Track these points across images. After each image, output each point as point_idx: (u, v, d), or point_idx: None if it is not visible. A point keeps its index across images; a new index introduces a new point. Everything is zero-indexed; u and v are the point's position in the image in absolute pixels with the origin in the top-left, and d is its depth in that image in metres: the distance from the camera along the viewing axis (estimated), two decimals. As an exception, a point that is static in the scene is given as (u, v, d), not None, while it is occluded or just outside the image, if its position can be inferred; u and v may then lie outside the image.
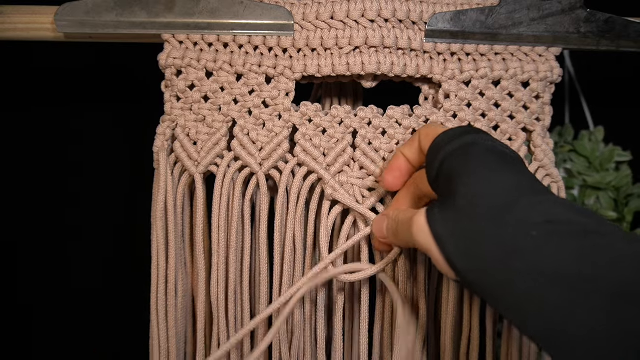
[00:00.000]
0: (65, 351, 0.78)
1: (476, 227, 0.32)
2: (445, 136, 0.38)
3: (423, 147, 0.41)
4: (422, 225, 0.35)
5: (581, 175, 0.70)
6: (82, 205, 0.77)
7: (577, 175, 0.70)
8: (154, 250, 0.48)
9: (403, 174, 0.43)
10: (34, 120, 0.74)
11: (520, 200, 0.31)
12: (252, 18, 0.46)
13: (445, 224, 0.33)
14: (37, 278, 0.77)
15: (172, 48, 0.47)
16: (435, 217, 0.34)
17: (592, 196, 0.69)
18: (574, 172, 0.70)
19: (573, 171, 0.70)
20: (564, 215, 0.30)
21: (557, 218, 0.30)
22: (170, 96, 0.48)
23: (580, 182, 0.70)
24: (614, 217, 0.68)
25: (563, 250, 0.29)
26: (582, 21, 0.47)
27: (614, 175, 0.69)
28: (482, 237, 0.31)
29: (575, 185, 0.70)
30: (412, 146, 0.42)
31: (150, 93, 0.54)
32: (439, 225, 0.34)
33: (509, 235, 0.30)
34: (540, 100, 0.49)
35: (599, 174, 0.69)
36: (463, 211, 0.33)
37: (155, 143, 0.48)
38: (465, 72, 0.47)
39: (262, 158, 0.47)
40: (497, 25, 0.47)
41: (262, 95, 0.47)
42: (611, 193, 0.69)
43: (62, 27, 0.47)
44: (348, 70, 0.47)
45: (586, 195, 0.70)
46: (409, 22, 0.47)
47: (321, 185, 0.48)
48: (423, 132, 0.41)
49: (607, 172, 0.69)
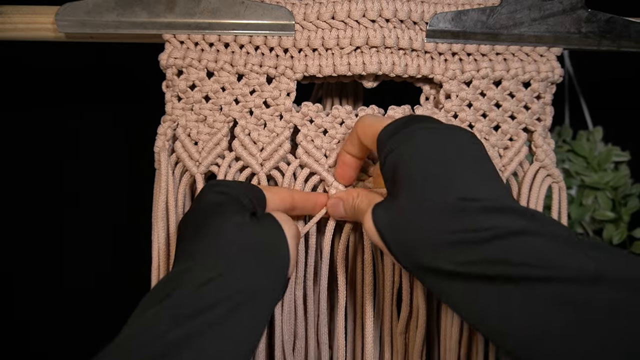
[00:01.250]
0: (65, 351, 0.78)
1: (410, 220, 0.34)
2: (385, 132, 0.39)
3: (364, 142, 0.42)
4: (370, 226, 0.37)
5: (579, 175, 0.70)
6: (83, 205, 0.76)
7: (575, 175, 0.70)
8: (154, 251, 0.48)
9: (352, 167, 0.45)
10: (34, 120, 0.74)
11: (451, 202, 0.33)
12: (253, 18, 0.46)
13: (384, 216, 0.36)
14: (36, 278, 0.77)
15: (173, 48, 0.47)
16: (378, 211, 0.37)
17: (590, 196, 0.69)
18: (572, 172, 0.70)
19: (571, 171, 0.70)
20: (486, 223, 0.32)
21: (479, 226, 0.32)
22: (171, 96, 0.48)
23: (578, 182, 0.70)
24: (612, 217, 0.68)
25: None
26: (583, 21, 0.47)
27: (612, 175, 0.69)
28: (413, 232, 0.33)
29: (573, 185, 0.70)
30: (353, 143, 0.44)
31: (151, 93, 0.54)
32: (380, 218, 0.36)
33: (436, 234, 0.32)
34: (542, 100, 0.49)
35: (597, 174, 0.69)
36: (398, 204, 0.35)
37: (156, 143, 0.48)
38: (467, 72, 0.47)
39: (264, 158, 0.47)
40: (498, 25, 0.47)
41: (263, 96, 0.47)
42: (609, 193, 0.69)
43: (63, 27, 0.47)
44: (349, 71, 0.47)
45: (584, 195, 0.70)
46: (410, 22, 0.47)
47: (323, 186, 0.48)
48: (360, 128, 0.42)
49: (605, 172, 0.69)
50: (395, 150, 0.37)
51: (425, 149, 0.36)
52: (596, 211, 0.69)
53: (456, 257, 0.31)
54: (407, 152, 0.36)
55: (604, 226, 0.70)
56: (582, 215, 0.69)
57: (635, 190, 0.70)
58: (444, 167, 0.34)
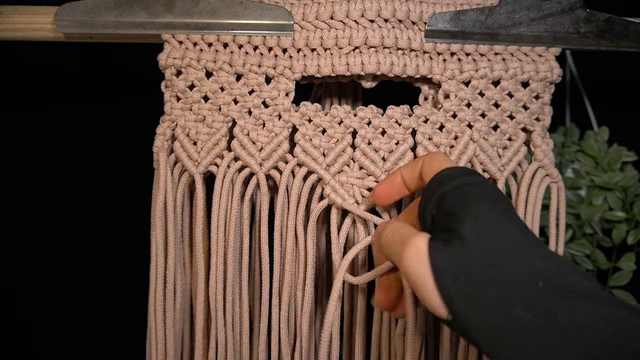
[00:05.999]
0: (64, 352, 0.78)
1: (483, 268, 0.31)
2: (450, 171, 0.37)
3: (424, 174, 0.40)
4: (421, 251, 0.32)
5: (589, 175, 0.70)
6: (82, 205, 0.77)
7: (585, 176, 0.70)
8: (153, 251, 0.48)
9: (395, 191, 0.43)
10: (33, 120, 0.74)
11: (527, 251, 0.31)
12: (252, 18, 0.46)
13: (449, 258, 0.32)
14: (35, 278, 0.77)
15: (171, 48, 0.47)
16: (438, 248, 0.32)
17: (600, 196, 0.69)
18: (582, 172, 0.70)
19: (581, 171, 0.70)
20: (568, 277, 0.30)
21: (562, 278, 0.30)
22: (170, 96, 0.48)
23: (588, 182, 0.70)
24: (623, 217, 0.68)
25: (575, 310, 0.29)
26: (582, 21, 0.47)
27: (622, 175, 0.69)
28: (487, 280, 0.31)
29: (583, 186, 0.70)
30: (413, 170, 0.41)
31: (149, 93, 0.54)
32: (441, 257, 0.32)
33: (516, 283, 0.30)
34: (540, 100, 0.49)
35: (606, 174, 0.69)
36: (470, 250, 0.31)
37: (155, 143, 0.48)
38: (465, 72, 0.47)
39: (262, 158, 0.47)
40: (497, 25, 0.47)
41: (262, 96, 0.47)
42: (619, 193, 0.69)
43: (62, 27, 0.47)
44: (348, 71, 0.47)
45: (594, 195, 0.69)
46: (409, 22, 0.47)
47: (321, 185, 0.48)
48: (427, 161, 0.40)
49: (614, 172, 0.69)
50: (458, 190, 0.35)
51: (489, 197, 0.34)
52: (606, 212, 0.69)
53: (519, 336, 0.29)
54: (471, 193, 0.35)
55: (614, 226, 0.70)
56: (591, 215, 0.69)
57: (645, 191, 0.70)
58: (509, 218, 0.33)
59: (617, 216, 0.68)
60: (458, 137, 0.48)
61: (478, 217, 0.33)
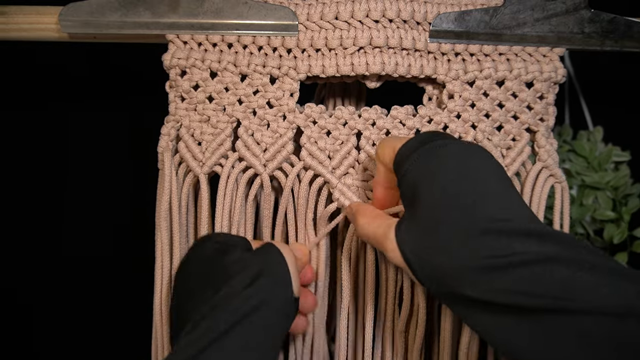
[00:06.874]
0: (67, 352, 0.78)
1: (435, 245, 0.32)
2: (404, 149, 0.37)
3: (385, 164, 0.40)
4: (394, 247, 0.35)
5: (579, 175, 0.70)
6: (86, 205, 0.77)
7: (576, 175, 0.70)
8: (158, 251, 0.48)
9: (387, 200, 0.43)
10: (37, 120, 0.74)
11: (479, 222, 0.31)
12: (257, 18, 0.46)
13: (411, 244, 0.34)
14: (39, 278, 0.77)
15: (176, 48, 0.47)
16: (402, 236, 0.35)
17: (591, 196, 0.69)
18: (573, 171, 0.70)
19: (572, 171, 0.70)
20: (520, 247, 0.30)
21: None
22: (174, 96, 0.48)
23: (579, 182, 0.70)
24: (612, 216, 0.68)
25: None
26: (586, 21, 0.47)
27: (613, 175, 0.69)
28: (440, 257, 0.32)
29: (574, 185, 0.70)
30: (378, 170, 0.42)
31: (154, 93, 0.54)
32: (407, 246, 0.34)
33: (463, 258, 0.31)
34: (544, 100, 0.49)
35: (597, 174, 0.69)
36: (424, 229, 0.33)
37: (159, 143, 0.48)
38: (469, 72, 0.47)
39: (267, 159, 0.47)
40: (501, 25, 0.47)
41: (266, 96, 0.47)
42: (609, 193, 0.69)
43: (66, 28, 0.47)
44: (352, 71, 0.47)
45: (584, 194, 0.70)
46: (413, 23, 0.47)
47: (327, 188, 0.48)
48: (378, 149, 0.40)
49: (605, 172, 0.69)
50: (415, 168, 0.35)
51: (448, 165, 0.34)
52: (597, 211, 0.69)
53: (482, 285, 0.30)
54: (428, 169, 0.34)
55: (605, 226, 0.70)
56: (582, 215, 0.69)
57: (636, 190, 0.70)
58: (469, 185, 0.33)
59: (608, 215, 0.68)
60: (462, 138, 0.48)
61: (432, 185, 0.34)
